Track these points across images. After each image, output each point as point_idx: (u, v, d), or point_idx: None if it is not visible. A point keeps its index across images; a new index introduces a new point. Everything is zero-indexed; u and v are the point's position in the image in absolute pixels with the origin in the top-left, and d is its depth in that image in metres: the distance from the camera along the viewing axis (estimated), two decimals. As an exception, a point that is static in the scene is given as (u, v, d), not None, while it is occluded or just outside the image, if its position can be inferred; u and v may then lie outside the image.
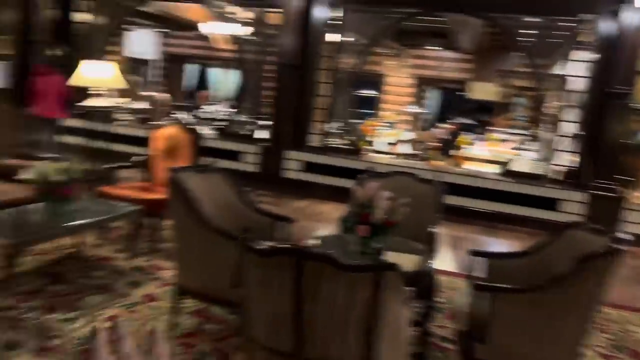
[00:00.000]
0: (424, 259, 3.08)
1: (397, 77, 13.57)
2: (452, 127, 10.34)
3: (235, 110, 8.28)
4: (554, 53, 9.28)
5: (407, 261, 2.84)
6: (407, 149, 9.43)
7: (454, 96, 13.88)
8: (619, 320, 4.06)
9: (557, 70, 9.16)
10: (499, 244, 6.19)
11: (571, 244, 2.81)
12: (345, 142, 7.79)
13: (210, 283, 2.94)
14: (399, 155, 9.11)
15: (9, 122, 7.84)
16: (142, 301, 3.42)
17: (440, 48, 12.76)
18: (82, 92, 6.35)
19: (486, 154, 8.84)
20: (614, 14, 6.48)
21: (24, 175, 3.49)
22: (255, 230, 2.15)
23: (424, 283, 3.10)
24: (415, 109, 12.82)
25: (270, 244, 1.97)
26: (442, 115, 13.64)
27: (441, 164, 7.98)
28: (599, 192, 6.50)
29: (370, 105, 13.98)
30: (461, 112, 13.23)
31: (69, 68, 7.79)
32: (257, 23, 8.03)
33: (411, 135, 9.91)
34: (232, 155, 7.75)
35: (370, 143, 9.33)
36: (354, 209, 2.90)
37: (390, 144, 9.51)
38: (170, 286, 3.37)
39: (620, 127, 6.53)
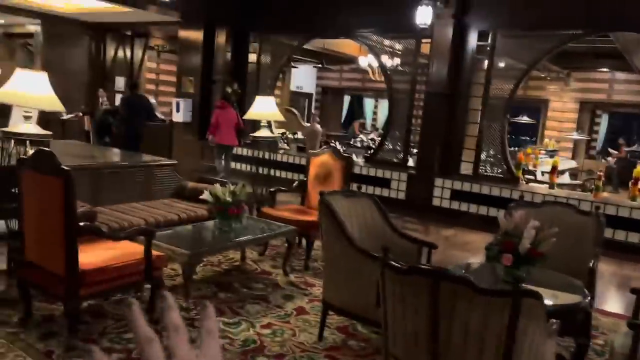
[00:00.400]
0: (578, 295, 2.91)
1: (560, 102, 12.69)
2: (621, 154, 9.34)
3: (384, 138, 8.55)
4: None
5: (553, 294, 2.72)
6: (568, 178, 8.75)
7: (627, 121, 12.52)
8: None
9: None
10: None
11: None
12: (499, 170, 7.53)
13: (353, 301, 3.13)
14: (559, 184, 8.48)
15: (193, 150, 9.10)
16: (294, 313, 3.73)
17: (609, 70, 11.66)
18: (253, 124, 7.16)
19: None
20: None
21: (203, 196, 4.10)
22: (397, 253, 2.29)
23: (576, 319, 2.92)
24: (579, 136, 11.83)
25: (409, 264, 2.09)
26: (611, 143, 12.37)
27: (607, 195, 7.26)
28: None
29: (528, 132, 13.26)
30: (638, 138, 11.87)
31: (242, 103, 8.85)
32: (407, 54, 8.25)
33: (573, 163, 9.18)
34: (382, 182, 7.97)
35: (527, 172, 8.85)
36: (499, 237, 2.88)
37: (549, 172, 8.92)
38: (318, 302, 3.63)
39: None
